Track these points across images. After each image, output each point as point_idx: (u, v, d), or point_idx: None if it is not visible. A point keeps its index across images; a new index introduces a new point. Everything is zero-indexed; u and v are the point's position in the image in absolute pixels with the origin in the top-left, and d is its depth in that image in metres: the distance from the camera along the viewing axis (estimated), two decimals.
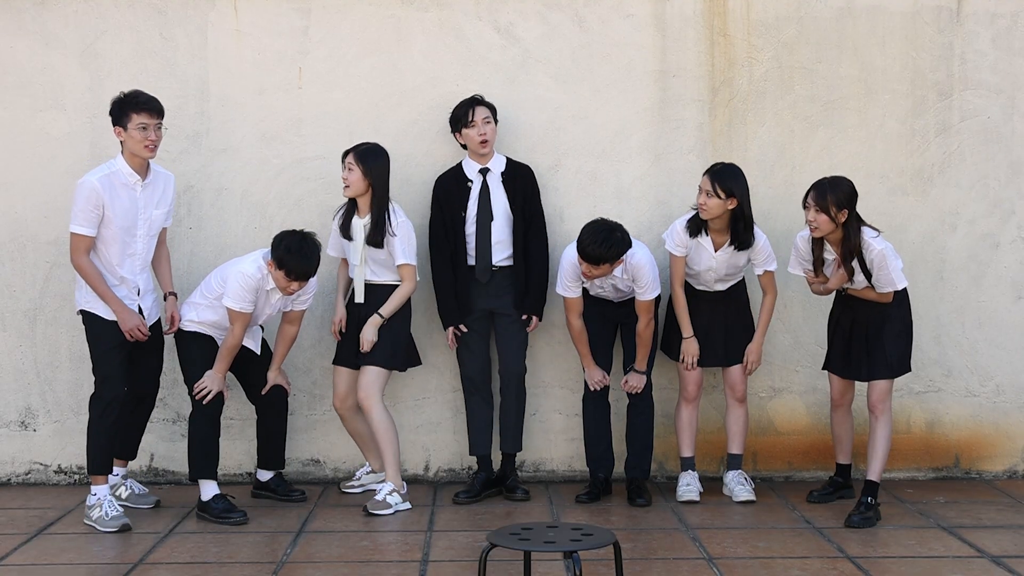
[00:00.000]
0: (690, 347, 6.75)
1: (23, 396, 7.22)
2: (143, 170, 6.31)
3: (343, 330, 6.81)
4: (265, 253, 6.41)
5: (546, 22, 7.14)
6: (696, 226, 6.58)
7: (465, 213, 6.79)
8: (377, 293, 6.72)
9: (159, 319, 6.59)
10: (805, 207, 6.22)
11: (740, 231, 6.53)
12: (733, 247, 6.59)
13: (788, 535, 6.09)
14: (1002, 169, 7.22)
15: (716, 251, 6.60)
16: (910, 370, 6.55)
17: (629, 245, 6.44)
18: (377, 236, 6.61)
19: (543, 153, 7.12)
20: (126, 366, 6.36)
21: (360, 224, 6.66)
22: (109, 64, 7.11)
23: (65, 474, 7.25)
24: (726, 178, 6.46)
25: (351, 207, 6.73)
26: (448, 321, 6.88)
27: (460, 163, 6.91)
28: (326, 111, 7.15)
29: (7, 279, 7.18)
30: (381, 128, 7.12)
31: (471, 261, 6.82)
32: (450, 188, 6.84)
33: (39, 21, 7.08)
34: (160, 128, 6.25)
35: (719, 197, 6.43)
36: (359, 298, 6.75)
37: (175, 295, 6.60)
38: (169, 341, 6.71)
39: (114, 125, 6.25)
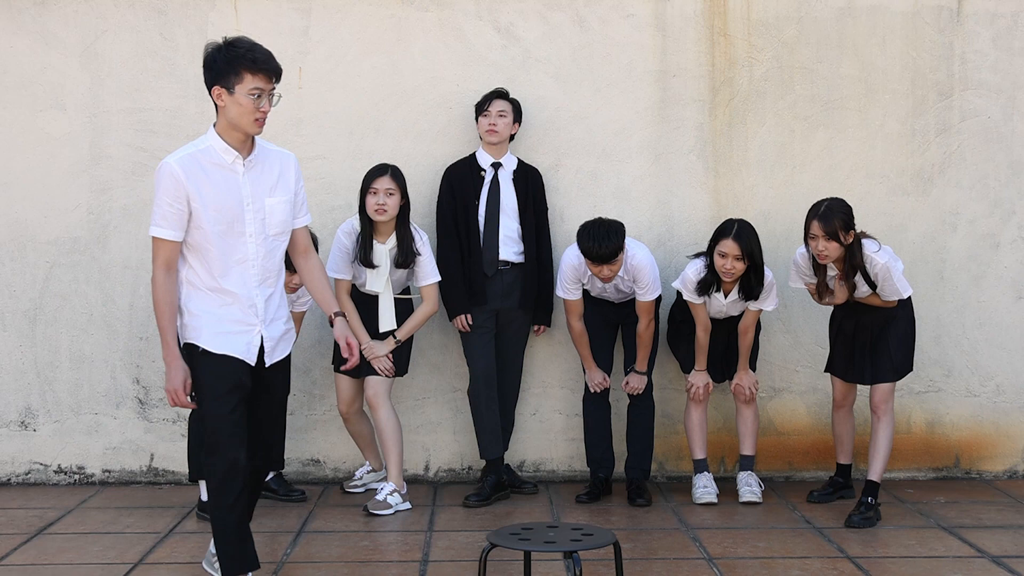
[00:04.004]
0: (699, 379, 6.75)
1: (23, 396, 7.20)
2: (245, 146, 4.77)
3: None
4: None
5: (546, 22, 7.12)
6: (707, 284, 6.51)
7: (479, 202, 6.74)
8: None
9: (287, 357, 5.02)
10: (810, 237, 6.13)
11: (752, 283, 6.50)
12: (741, 294, 6.57)
13: (788, 535, 6.06)
14: (1002, 169, 7.21)
15: (726, 297, 6.59)
16: (912, 370, 6.55)
17: (624, 229, 6.42)
18: (408, 259, 6.56)
19: (543, 153, 7.12)
20: (244, 418, 4.77)
21: (384, 249, 6.56)
22: (109, 64, 7.09)
23: (65, 474, 7.23)
24: (751, 241, 6.41)
25: (367, 232, 6.57)
26: (456, 310, 6.76)
27: (473, 153, 6.88)
28: (326, 111, 7.13)
29: (7, 279, 7.16)
30: (381, 128, 7.12)
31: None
32: (464, 176, 6.79)
33: (39, 21, 7.06)
34: (274, 97, 4.75)
35: (745, 262, 6.41)
36: (390, 325, 6.64)
37: (342, 315, 5.04)
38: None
39: (213, 85, 4.68)
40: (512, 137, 6.89)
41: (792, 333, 7.25)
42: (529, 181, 6.85)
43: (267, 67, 4.63)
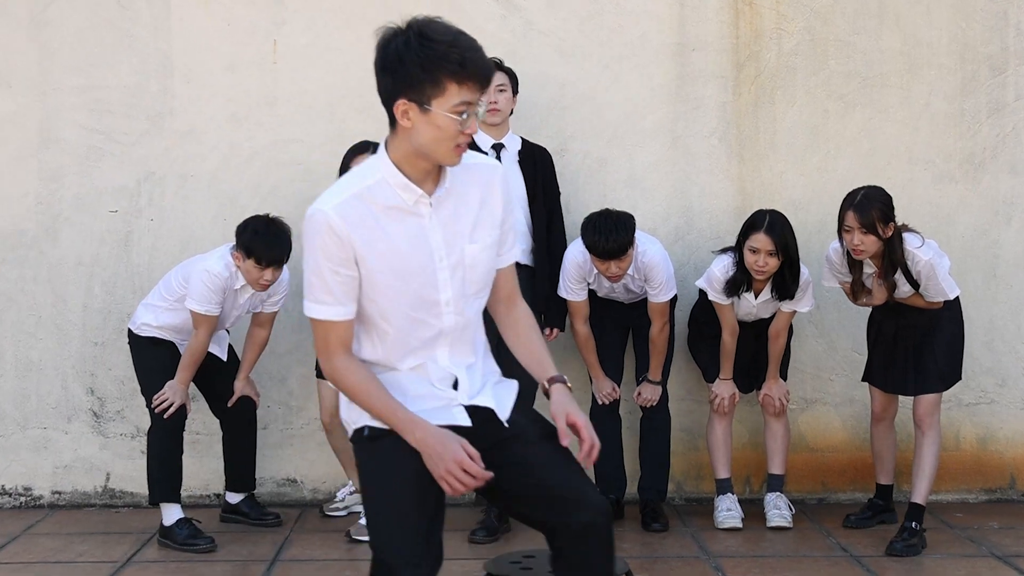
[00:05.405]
0: (724, 389, 6.50)
1: None
2: (430, 176, 3.40)
3: None
4: (231, 247, 6.17)
5: None
6: (737, 284, 6.24)
7: None
8: None
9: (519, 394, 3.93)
10: (844, 230, 5.88)
11: (787, 281, 6.23)
12: (775, 294, 6.32)
13: (822, 564, 5.79)
14: None
15: (756, 298, 6.33)
16: (961, 379, 6.27)
17: (633, 222, 6.17)
18: None
19: (547, 136, 6.83)
20: (424, 527, 3.40)
21: None
22: (60, 35, 6.86)
23: (9, 496, 6.96)
24: (786, 234, 6.15)
25: None
26: None
27: None
28: (304, 89, 6.90)
29: None
30: (365, 108, 6.80)
31: None
32: None
33: None
34: (480, 109, 3.31)
35: (779, 257, 6.15)
36: None
37: (564, 382, 3.67)
38: (126, 349, 6.38)
39: (398, 97, 3.26)
40: (511, 112, 6.58)
41: (826, 338, 7.00)
42: (537, 163, 6.53)
43: (480, 72, 3.25)
